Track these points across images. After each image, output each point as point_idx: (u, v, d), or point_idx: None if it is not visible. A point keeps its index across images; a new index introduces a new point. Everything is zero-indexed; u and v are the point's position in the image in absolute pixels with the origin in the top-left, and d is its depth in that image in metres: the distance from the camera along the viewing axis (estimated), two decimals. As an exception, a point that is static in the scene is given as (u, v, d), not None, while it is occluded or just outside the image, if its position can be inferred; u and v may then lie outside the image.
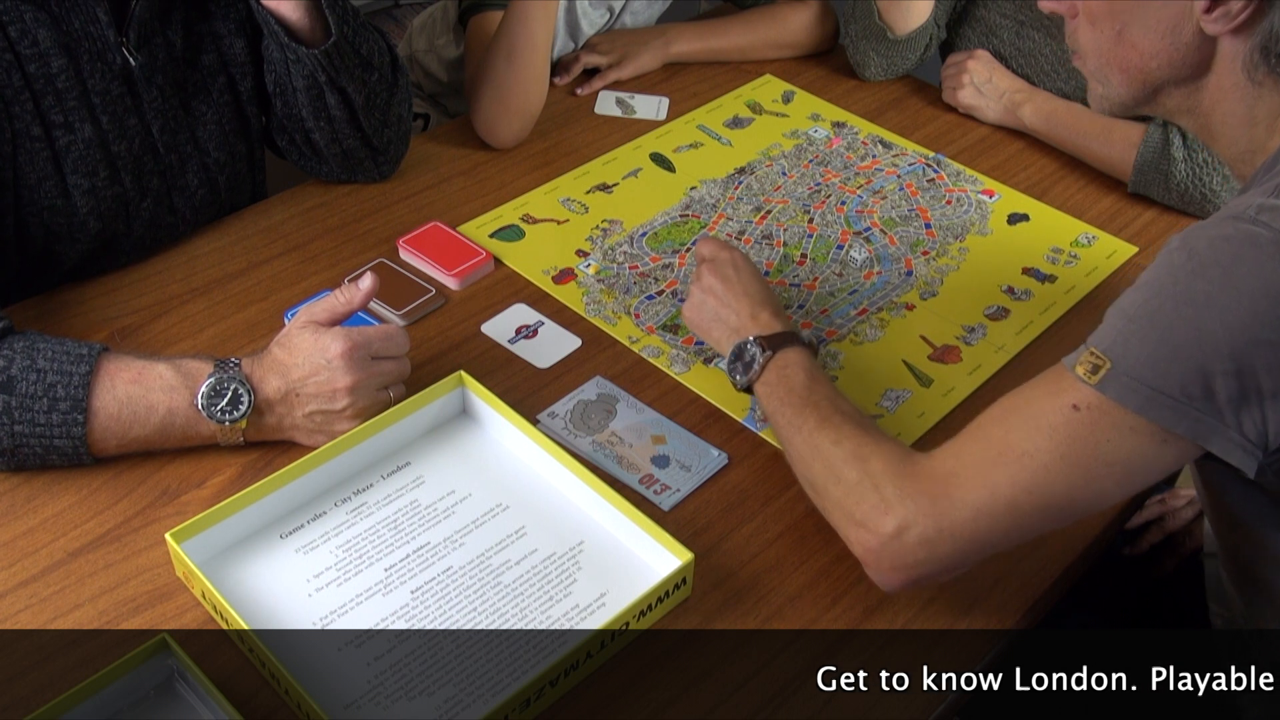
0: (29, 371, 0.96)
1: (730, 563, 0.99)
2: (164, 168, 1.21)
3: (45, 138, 1.11)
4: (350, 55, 1.21)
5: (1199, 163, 1.38)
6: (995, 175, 1.49)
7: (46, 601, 0.92)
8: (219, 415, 0.99)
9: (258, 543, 0.98)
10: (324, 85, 1.23)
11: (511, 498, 1.03)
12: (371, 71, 1.25)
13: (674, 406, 1.13)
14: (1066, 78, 1.52)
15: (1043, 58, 1.54)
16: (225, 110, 1.26)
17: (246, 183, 1.34)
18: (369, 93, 1.26)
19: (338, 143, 1.30)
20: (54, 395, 0.96)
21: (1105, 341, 0.82)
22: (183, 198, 1.25)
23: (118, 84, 1.15)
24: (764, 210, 1.40)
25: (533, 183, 1.43)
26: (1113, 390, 0.80)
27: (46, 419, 0.96)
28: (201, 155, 1.25)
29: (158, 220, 1.24)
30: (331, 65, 1.20)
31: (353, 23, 1.21)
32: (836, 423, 0.94)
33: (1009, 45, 1.57)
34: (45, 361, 0.97)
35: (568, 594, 0.95)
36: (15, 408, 0.96)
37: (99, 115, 1.14)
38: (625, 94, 1.61)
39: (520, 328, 1.21)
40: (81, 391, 0.97)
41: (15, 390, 0.96)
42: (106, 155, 1.15)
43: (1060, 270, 1.34)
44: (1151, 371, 0.79)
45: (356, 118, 1.28)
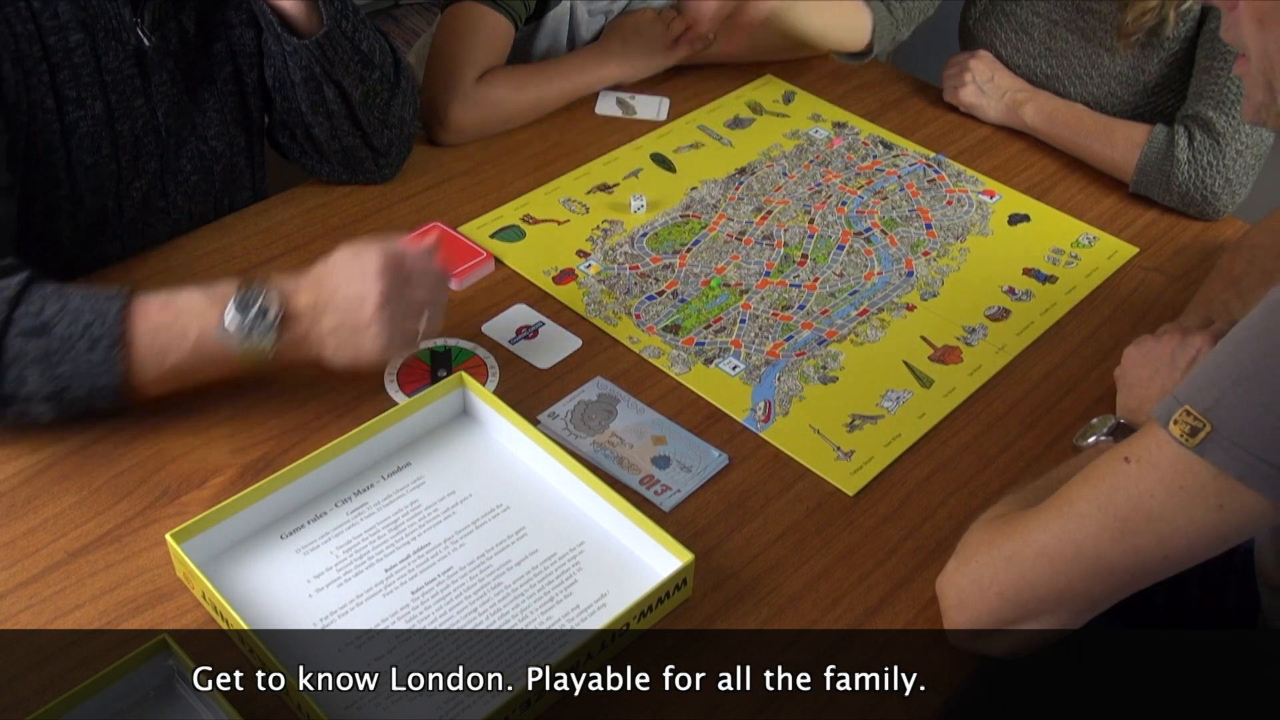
0: (62, 314, 0.97)
1: (731, 563, 0.99)
2: (162, 151, 1.22)
3: (56, 110, 1.11)
4: (346, 49, 1.22)
5: (1202, 165, 1.37)
6: (996, 176, 1.49)
7: (47, 602, 0.92)
8: (247, 326, 0.99)
9: (258, 543, 0.98)
10: (320, 78, 1.23)
11: (512, 498, 1.03)
12: (373, 70, 1.25)
13: (674, 407, 1.13)
14: (1100, 82, 1.51)
15: (1076, 60, 1.52)
16: (228, 100, 1.26)
17: (244, 178, 1.34)
18: (368, 90, 1.26)
19: (337, 139, 1.30)
20: (92, 335, 0.96)
21: (1205, 401, 0.76)
22: (174, 183, 1.25)
23: (129, 64, 1.15)
24: (765, 210, 1.40)
25: (533, 183, 1.43)
26: (1214, 455, 0.75)
27: (87, 359, 0.96)
28: (199, 142, 1.25)
29: (150, 203, 1.24)
30: (325, 57, 1.21)
31: (351, 18, 1.22)
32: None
33: (1040, 44, 1.55)
34: (77, 302, 0.97)
35: (568, 594, 0.95)
36: (55, 350, 0.96)
37: (109, 93, 1.14)
38: (626, 94, 1.60)
39: (521, 328, 1.21)
40: (118, 327, 0.97)
41: (52, 333, 0.96)
42: (111, 134, 1.16)
43: (1061, 271, 1.34)
44: (1258, 439, 0.74)
45: (355, 114, 1.28)
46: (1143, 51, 1.47)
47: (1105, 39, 1.49)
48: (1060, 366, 1.21)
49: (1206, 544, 0.79)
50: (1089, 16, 1.50)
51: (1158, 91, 1.48)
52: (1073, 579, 0.83)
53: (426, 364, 1.16)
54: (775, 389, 1.16)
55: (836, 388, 1.16)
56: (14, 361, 0.96)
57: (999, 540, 0.87)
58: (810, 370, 1.18)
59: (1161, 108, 1.49)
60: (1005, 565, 0.85)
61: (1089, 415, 1.11)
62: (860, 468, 1.08)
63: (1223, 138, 1.36)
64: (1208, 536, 0.78)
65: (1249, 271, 1.17)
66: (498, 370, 1.16)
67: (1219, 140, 1.36)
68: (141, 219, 1.25)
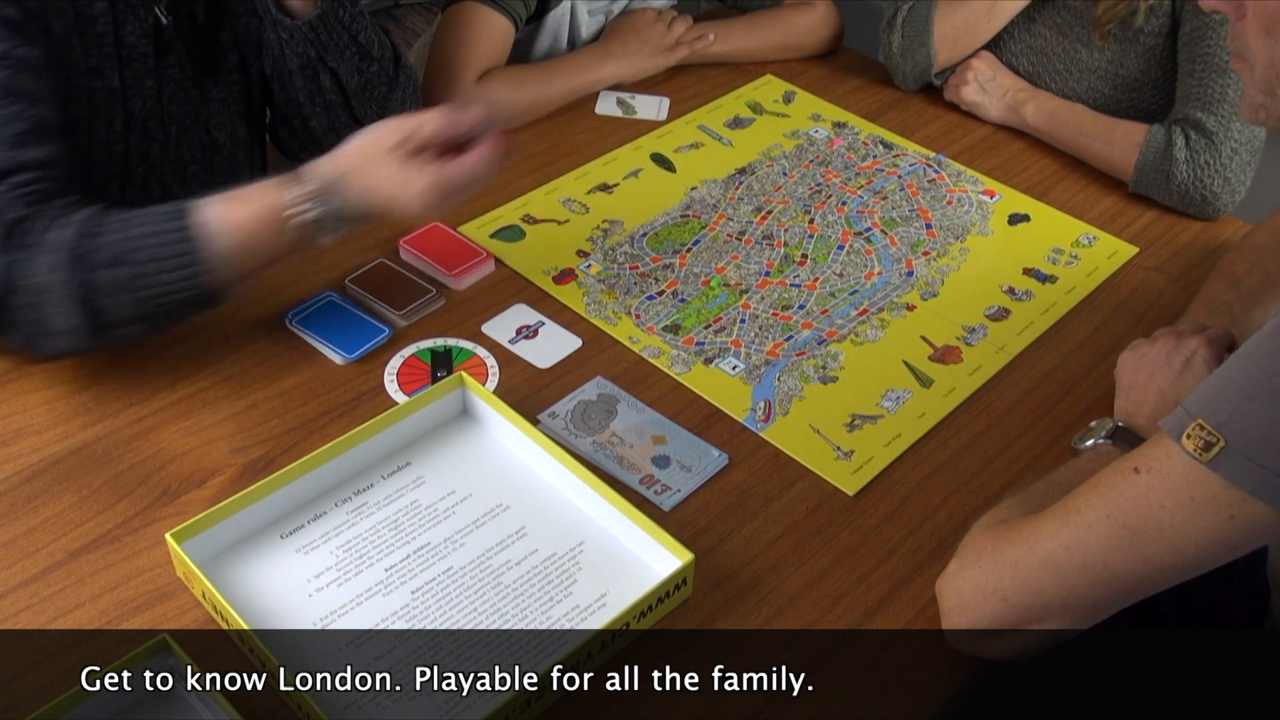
0: (138, 240, 1.00)
1: (731, 563, 0.99)
2: (164, 138, 1.22)
3: (85, 74, 1.12)
4: (342, 35, 1.22)
5: (1200, 164, 1.38)
6: (996, 175, 1.49)
7: (47, 601, 0.92)
8: (317, 217, 1.05)
9: (258, 543, 0.98)
10: (316, 64, 1.24)
11: (512, 498, 1.03)
12: (370, 62, 1.26)
13: (674, 407, 1.13)
14: (1078, 77, 1.52)
15: (1054, 56, 1.53)
16: (232, 90, 1.27)
17: (244, 173, 1.34)
18: (365, 81, 1.27)
19: (335, 132, 1.30)
20: (173, 252, 1.00)
21: (1219, 416, 0.76)
22: (173, 171, 1.25)
23: (145, 41, 1.16)
24: (765, 210, 1.40)
25: (533, 183, 1.43)
26: (1226, 469, 0.76)
27: (174, 276, 1.00)
28: (201, 132, 1.25)
29: (149, 190, 1.24)
30: (319, 41, 1.21)
31: (349, 8, 1.23)
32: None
33: (1019, 41, 1.56)
34: (150, 224, 1.01)
35: (568, 594, 0.95)
36: (138, 276, 0.99)
37: (124, 69, 1.15)
38: (626, 94, 1.60)
39: (521, 328, 1.21)
40: (192, 240, 1.01)
41: (134, 259, 0.99)
42: (125, 111, 1.17)
43: (1061, 271, 1.34)
44: (1271, 453, 0.74)
45: (351, 104, 1.28)
46: (1120, 46, 1.48)
47: (1082, 34, 1.51)
48: (1060, 366, 1.21)
49: (1215, 553, 0.79)
50: (1065, 13, 1.52)
51: (1137, 87, 1.50)
52: (1078, 586, 0.83)
53: (426, 364, 1.16)
54: (775, 389, 1.16)
55: (836, 388, 1.16)
56: (102, 292, 0.99)
57: (1002, 545, 0.86)
58: (810, 370, 1.18)
59: (1144, 103, 1.50)
60: (1009, 570, 0.85)
61: (1089, 415, 1.11)
62: (860, 468, 1.08)
63: (1216, 137, 1.37)
64: (1217, 546, 0.79)
65: (1251, 273, 1.17)
66: (498, 370, 1.16)
67: (1213, 140, 1.37)
68: (140, 206, 1.25)
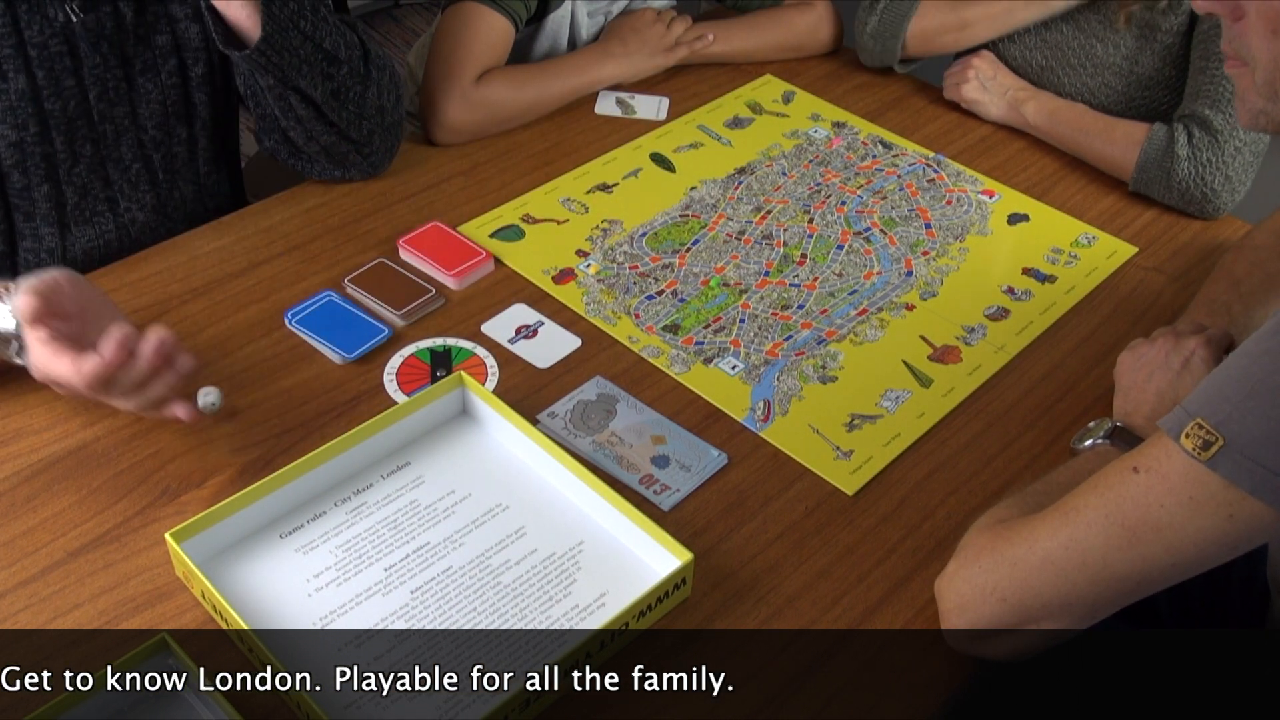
0: None
1: (730, 563, 0.99)
2: (97, 136, 1.22)
3: None
4: (301, 48, 1.20)
5: (1202, 162, 1.38)
6: (995, 175, 1.49)
7: (46, 601, 0.92)
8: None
9: (257, 543, 0.98)
10: (278, 86, 1.22)
11: (511, 498, 1.03)
12: (339, 65, 1.24)
13: (674, 406, 1.13)
14: (1092, 72, 1.52)
15: (1069, 50, 1.53)
16: (171, 92, 1.26)
17: (186, 170, 1.32)
18: (336, 87, 1.25)
19: (314, 140, 1.30)
20: None
21: (1218, 415, 0.76)
22: (117, 169, 1.25)
23: (57, 40, 1.15)
24: (764, 210, 1.40)
25: (533, 183, 1.43)
26: (1225, 468, 0.76)
27: None
28: (138, 131, 1.25)
29: (90, 189, 1.24)
30: (272, 64, 1.19)
31: (310, 17, 1.20)
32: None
33: (1034, 34, 1.56)
34: None
35: (567, 594, 0.95)
36: None
37: (34, 69, 1.14)
38: (625, 94, 1.60)
39: (520, 328, 1.21)
40: None
41: None
42: (38, 111, 1.16)
43: (1060, 270, 1.34)
44: (1270, 453, 0.74)
45: (324, 114, 1.27)
46: (1136, 43, 1.48)
47: (1098, 30, 1.51)
48: (1059, 366, 1.21)
49: (1215, 553, 0.79)
50: (1082, 8, 1.52)
51: (1151, 85, 1.49)
52: (1078, 585, 0.83)
53: (426, 363, 1.16)
54: (774, 388, 1.16)
55: (836, 387, 1.16)
56: None
57: (1001, 545, 0.87)
58: (809, 370, 1.18)
59: (1156, 102, 1.50)
60: (1008, 570, 0.85)
61: (1088, 415, 1.11)
62: (859, 467, 1.08)
63: (1221, 135, 1.37)
64: (1216, 545, 0.79)
65: (1251, 273, 1.17)
66: (497, 370, 1.16)
67: (1217, 138, 1.37)
68: (87, 204, 1.24)
